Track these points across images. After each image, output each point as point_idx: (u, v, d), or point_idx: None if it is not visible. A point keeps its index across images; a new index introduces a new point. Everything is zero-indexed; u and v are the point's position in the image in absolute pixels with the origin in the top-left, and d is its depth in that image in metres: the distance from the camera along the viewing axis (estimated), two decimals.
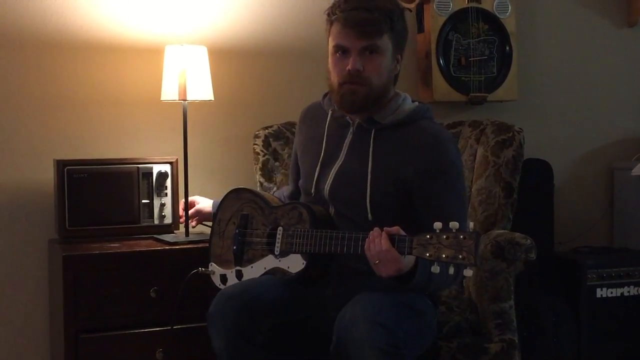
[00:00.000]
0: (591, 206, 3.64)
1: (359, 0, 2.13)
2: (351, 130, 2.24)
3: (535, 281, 3.16)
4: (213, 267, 2.39)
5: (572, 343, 3.20)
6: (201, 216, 2.78)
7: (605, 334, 3.26)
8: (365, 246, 1.99)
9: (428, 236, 1.88)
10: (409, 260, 1.96)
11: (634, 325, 3.30)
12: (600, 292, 3.26)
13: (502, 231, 2.69)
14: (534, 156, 3.30)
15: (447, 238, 1.86)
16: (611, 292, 3.27)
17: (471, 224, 1.87)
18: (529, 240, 2.57)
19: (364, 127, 2.21)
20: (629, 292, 3.29)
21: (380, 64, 2.15)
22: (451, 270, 1.86)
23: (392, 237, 1.95)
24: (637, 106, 3.72)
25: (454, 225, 1.86)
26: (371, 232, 1.99)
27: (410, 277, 1.99)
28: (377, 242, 1.95)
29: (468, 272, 1.84)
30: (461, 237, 1.84)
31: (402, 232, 1.95)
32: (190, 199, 2.81)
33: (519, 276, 2.60)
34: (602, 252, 3.41)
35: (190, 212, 2.80)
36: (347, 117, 2.24)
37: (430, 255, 1.88)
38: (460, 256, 1.83)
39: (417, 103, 2.24)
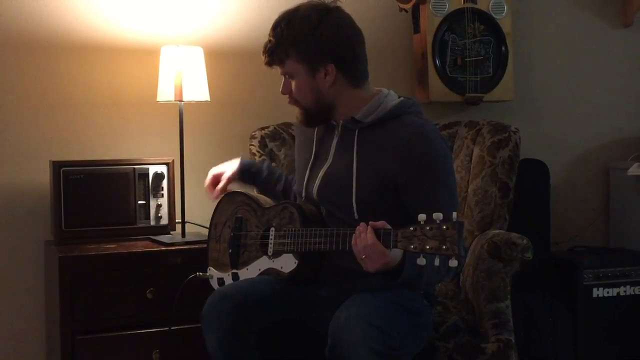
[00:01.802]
0: (587, 206, 3.65)
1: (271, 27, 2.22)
2: (336, 132, 2.25)
3: (532, 281, 3.16)
4: (211, 271, 2.39)
5: (569, 343, 3.21)
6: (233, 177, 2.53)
7: (602, 333, 3.26)
8: (352, 241, 1.99)
9: (412, 228, 1.88)
10: (395, 254, 1.95)
11: (630, 325, 3.30)
12: (597, 292, 3.26)
13: (498, 231, 2.69)
14: (530, 156, 3.31)
15: (431, 229, 1.85)
16: (607, 292, 3.27)
17: (454, 214, 1.86)
18: (525, 240, 2.57)
19: (348, 128, 2.22)
20: (625, 292, 3.29)
21: (297, 87, 2.21)
22: (437, 262, 1.85)
23: (377, 231, 1.95)
24: (632, 106, 3.73)
25: (438, 216, 1.84)
26: (357, 227, 1.99)
27: (398, 273, 1.99)
28: (362, 237, 1.95)
29: (453, 263, 1.82)
30: (444, 227, 1.83)
31: (388, 226, 1.95)
32: (217, 171, 2.54)
33: (516, 276, 2.60)
34: (598, 252, 3.42)
35: (222, 183, 2.52)
36: (332, 120, 2.25)
37: (414, 248, 1.87)
38: (444, 247, 1.82)
39: (401, 98, 2.24)
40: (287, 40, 2.17)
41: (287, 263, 2.19)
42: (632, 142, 3.66)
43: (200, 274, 2.41)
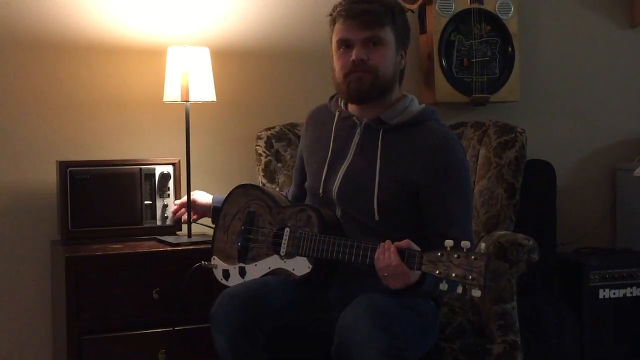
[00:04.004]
0: (594, 207, 3.64)
1: None
2: (358, 130, 2.24)
3: (538, 282, 3.15)
4: (216, 260, 2.39)
5: (575, 344, 3.20)
6: (197, 208, 2.74)
7: (608, 335, 3.25)
8: (375, 257, 1.99)
9: (439, 254, 1.89)
10: (416, 273, 1.96)
11: (636, 326, 3.29)
12: (603, 293, 3.25)
13: (504, 232, 2.69)
14: (537, 157, 3.30)
15: (458, 257, 1.86)
16: (614, 293, 3.26)
17: (483, 245, 1.88)
18: (531, 241, 2.57)
19: (371, 128, 2.22)
20: (631, 293, 3.29)
21: (384, 54, 2.19)
22: (459, 289, 1.86)
23: (401, 252, 1.95)
24: (639, 107, 3.72)
25: (465, 244, 1.87)
26: (382, 243, 1.99)
27: (416, 286, 2.00)
28: (386, 256, 1.96)
29: (476, 293, 1.84)
30: (472, 257, 1.85)
31: (413, 246, 1.96)
32: (192, 197, 2.77)
33: (522, 277, 2.60)
34: (604, 253, 3.41)
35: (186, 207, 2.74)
36: (354, 118, 2.25)
37: (439, 273, 1.89)
38: (470, 277, 1.84)
39: (424, 105, 2.26)
40: (397, 9, 2.21)
41: (300, 266, 2.18)
42: (638, 143, 3.66)
43: (205, 262, 2.41)
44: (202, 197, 2.76)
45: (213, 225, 2.57)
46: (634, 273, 3.29)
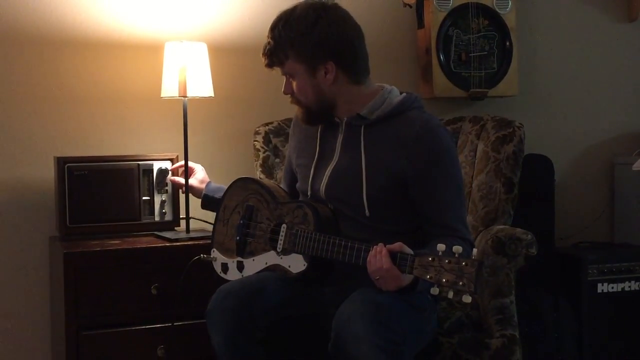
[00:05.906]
0: (592, 201, 3.64)
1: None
2: (341, 129, 2.25)
3: (536, 276, 3.16)
4: (215, 253, 2.39)
5: (573, 338, 3.21)
6: (191, 191, 2.75)
7: (606, 329, 3.26)
8: (367, 260, 2.00)
9: (430, 258, 1.90)
10: (409, 275, 1.97)
11: (634, 321, 3.30)
12: (601, 288, 3.26)
13: (502, 227, 2.69)
14: (535, 151, 3.30)
15: (449, 262, 1.87)
16: (612, 287, 3.27)
17: (475, 251, 1.88)
18: (529, 236, 2.57)
19: (353, 125, 2.22)
20: (629, 287, 3.29)
21: (297, 85, 2.23)
22: (450, 294, 1.87)
23: (393, 255, 1.95)
24: (637, 101, 3.72)
25: (457, 249, 1.87)
26: (374, 246, 1.99)
27: (409, 288, 2.00)
28: (378, 259, 1.96)
29: (467, 299, 1.85)
30: (463, 263, 1.85)
31: (405, 249, 1.96)
32: (192, 165, 2.77)
33: (520, 271, 2.60)
34: (603, 247, 3.41)
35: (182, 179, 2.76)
36: (336, 118, 2.25)
37: (430, 278, 1.89)
38: (461, 283, 1.84)
39: (404, 94, 2.24)
40: (285, 42, 2.18)
41: (295, 263, 2.18)
42: (637, 137, 3.66)
43: (204, 255, 2.42)
44: (199, 178, 2.74)
45: (210, 221, 2.57)
46: (632, 267, 3.30)
